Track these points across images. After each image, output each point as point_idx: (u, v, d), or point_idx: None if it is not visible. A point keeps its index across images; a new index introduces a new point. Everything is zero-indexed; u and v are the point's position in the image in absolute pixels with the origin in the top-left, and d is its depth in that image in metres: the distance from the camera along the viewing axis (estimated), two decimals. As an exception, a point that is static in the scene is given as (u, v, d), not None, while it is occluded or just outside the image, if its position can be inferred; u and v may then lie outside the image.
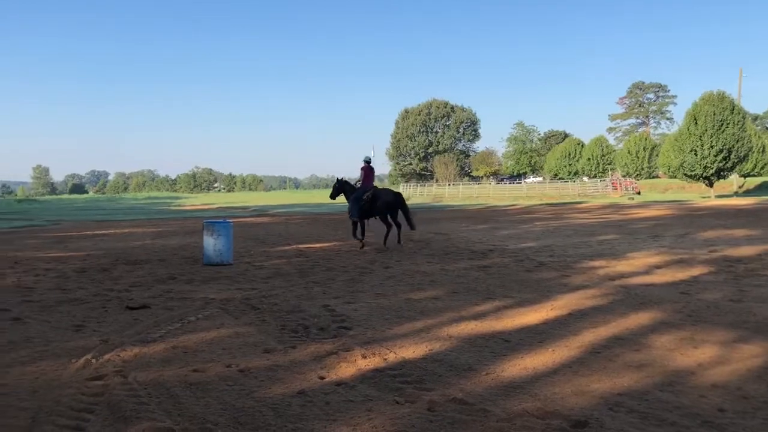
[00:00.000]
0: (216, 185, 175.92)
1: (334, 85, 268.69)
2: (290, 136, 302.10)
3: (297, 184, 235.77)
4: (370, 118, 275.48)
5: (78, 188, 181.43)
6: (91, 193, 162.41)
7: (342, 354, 5.47)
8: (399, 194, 15.24)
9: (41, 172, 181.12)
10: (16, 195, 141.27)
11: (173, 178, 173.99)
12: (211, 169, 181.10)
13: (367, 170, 15.40)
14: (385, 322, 6.68)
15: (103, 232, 22.31)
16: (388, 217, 15.01)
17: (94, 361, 5.31)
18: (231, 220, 13.52)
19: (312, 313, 7.19)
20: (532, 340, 5.88)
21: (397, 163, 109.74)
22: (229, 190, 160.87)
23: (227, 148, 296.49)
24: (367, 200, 14.91)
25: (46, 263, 12.37)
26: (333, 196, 16.35)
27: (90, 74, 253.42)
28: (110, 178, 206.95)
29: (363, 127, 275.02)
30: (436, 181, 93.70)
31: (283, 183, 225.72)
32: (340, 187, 15.99)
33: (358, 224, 15.41)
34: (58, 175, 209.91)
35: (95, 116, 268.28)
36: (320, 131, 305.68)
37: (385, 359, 5.31)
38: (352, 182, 16.05)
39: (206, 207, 55.92)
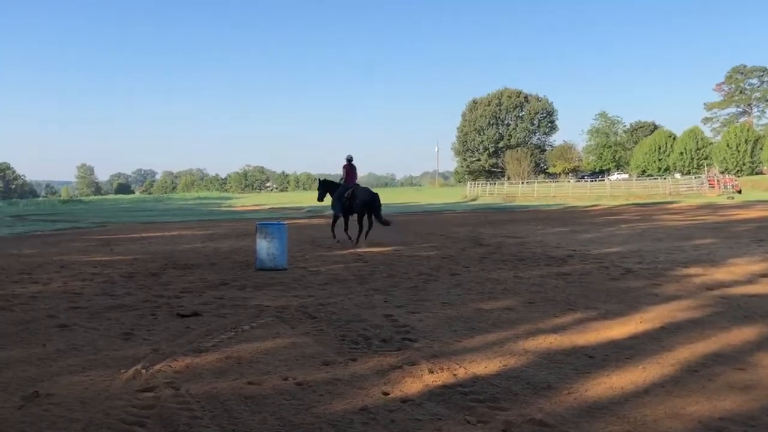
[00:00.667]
0: (268, 184, 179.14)
1: (394, 77, 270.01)
2: (346, 132, 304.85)
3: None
4: (433, 111, 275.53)
5: (124, 188, 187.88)
6: (137, 193, 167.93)
7: (407, 368, 5.49)
8: (376, 194, 16.99)
9: (86, 171, 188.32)
10: (60, 195, 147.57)
11: (223, 177, 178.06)
12: (262, 168, 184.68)
13: (349, 168, 17.52)
14: (453, 334, 6.67)
15: (150, 234, 23.06)
16: (365, 217, 16.87)
17: (144, 371, 5.50)
18: (285, 222, 13.75)
19: (373, 323, 7.24)
20: (619, 356, 5.77)
21: (464, 159, 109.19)
22: (281, 190, 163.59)
23: (279, 146, 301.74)
24: (348, 198, 16.80)
25: (93, 267, 12.87)
26: (320, 198, 18.15)
27: (135, 70, 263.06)
28: (157, 177, 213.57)
29: (425, 120, 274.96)
30: (508, 178, 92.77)
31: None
32: (325, 187, 17.96)
33: (340, 220, 17.36)
34: (103, 175, 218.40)
35: (142, 113, 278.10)
36: (378, 127, 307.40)
37: (455, 375, 5.30)
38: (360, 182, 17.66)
39: (258, 208, 57.02)
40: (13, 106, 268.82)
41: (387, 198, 76.80)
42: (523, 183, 75.91)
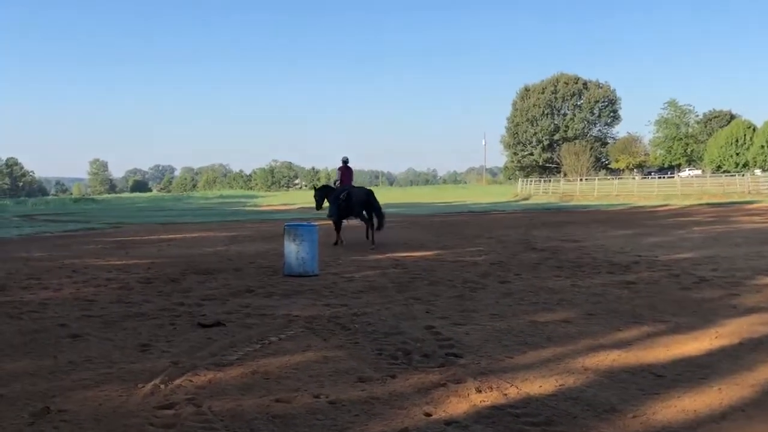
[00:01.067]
0: (297, 182, 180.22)
1: (434, 65, 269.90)
2: (382, 124, 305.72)
3: (391, 180, 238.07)
4: (479, 100, 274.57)
5: (140, 185, 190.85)
6: (154, 191, 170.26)
7: (452, 386, 5.48)
8: (371, 191, 18.47)
9: (99, 167, 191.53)
10: (71, 193, 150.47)
11: (248, 173, 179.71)
12: (290, 163, 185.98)
13: (344, 170, 18.96)
14: (503, 350, 6.64)
15: (169, 236, 23.40)
16: (364, 213, 18.04)
17: (163, 386, 5.59)
18: (315, 223, 13.83)
19: (414, 336, 7.24)
20: (691, 376, 5.70)
21: (515, 154, 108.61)
22: (312, 188, 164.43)
23: (309, 140, 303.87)
24: (344, 199, 17.84)
25: (107, 272, 13.11)
26: (318, 206, 19.10)
27: (152, 60, 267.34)
28: (176, 174, 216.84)
29: (471, 111, 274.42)
30: (564, 175, 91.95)
31: (375, 179, 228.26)
32: (321, 194, 19.08)
33: (339, 224, 18.42)
34: (117, 171, 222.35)
35: (159, 105, 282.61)
36: (418, 119, 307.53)
37: (505, 394, 5.28)
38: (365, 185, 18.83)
39: (286, 207, 57.40)
40: (21, 98, 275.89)
41: (427, 196, 77.17)
42: (581, 180, 75.13)
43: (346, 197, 17.80)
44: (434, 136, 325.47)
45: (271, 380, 5.74)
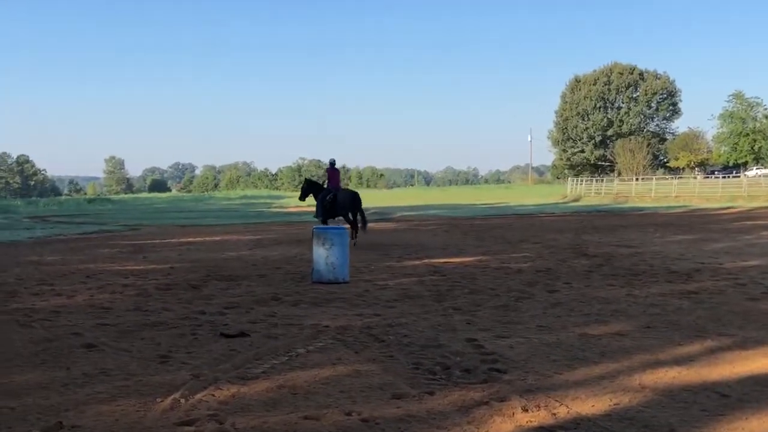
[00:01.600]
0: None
1: (474, 55, 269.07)
2: (418, 119, 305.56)
3: (428, 180, 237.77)
4: (524, 92, 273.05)
5: (159, 185, 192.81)
6: (174, 191, 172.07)
7: (495, 405, 5.46)
8: (356, 194, 20.66)
9: (115, 165, 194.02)
10: (85, 193, 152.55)
11: (273, 172, 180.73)
12: (319, 161, 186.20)
13: (332, 172, 20.95)
14: (551, 365, 6.60)
15: (190, 239, 23.67)
16: (349, 215, 20.02)
17: (183, 401, 5.63)
18: (346, 226, 13.87)
19: (453, 350, 7.22)
20: (760, 396, 5.63)
21: (564, 151, 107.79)
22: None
23: (339, 137, 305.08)
24: (330, 201, 19.87)
25: (124, 278, 13.28)
26: (302, 197, 21.43)
27: (170, 52, 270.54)
28: (197, 172, 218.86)
29: (515, 104, 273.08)
30: (618, 174, 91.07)
31: (411, 178, 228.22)
32: (308, 187, 21.24)
33: (325, 224, 19.73)
34: (135, 169, 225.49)
35: (179, 99, 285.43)
36: (457, 113, 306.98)
37: (554, 414, 5.25)
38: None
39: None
40: (33, 93, 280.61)
41: (467, 197, 77.01)
42: (637, 179, 74.35)
43: (333, 199, 19.87)
44: (475, 131, 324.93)
45: (299, 396, 5.76)
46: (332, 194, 19.97)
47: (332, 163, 21.27)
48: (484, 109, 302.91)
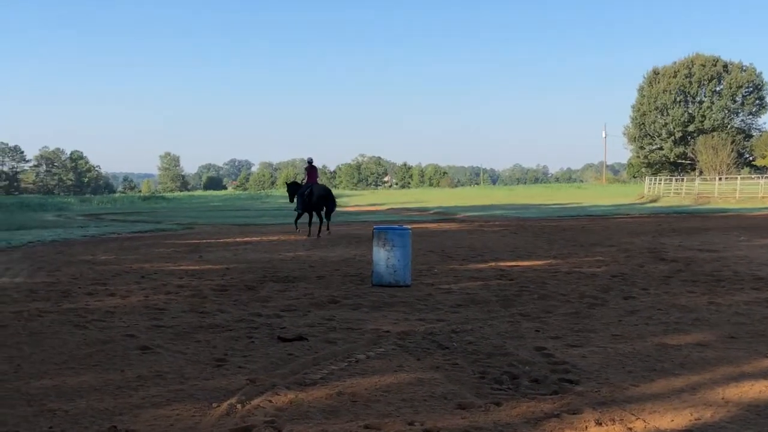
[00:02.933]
0: (386, 179, 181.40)
1: (544, 48, 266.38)
2: (484, 115, 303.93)
3: (494, 178, 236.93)
4: (598, 86, 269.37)
5: (214, 182, 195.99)
6: (230, 189, 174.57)
7: (566, 417, 5.41)
8: (329, 190, 24.86)
9: (170, 162, 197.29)
10: (140, 191, 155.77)
11: (332, 170, 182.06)
12: (380, 158, 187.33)
13: (310, 169, 24.78)
14: (627, 376, 6.53)
15: (246, 239, 23.98)
16: (323, 211, 24.03)
17: (239, 406, 5.71)
18: (408, 226, 13.89)
19: (522, 358, 7.18)
20: None
21: (641, 148, 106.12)
22: (403, 186, 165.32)
23: (401, 133, 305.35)
24: (307, 195, 23.66)
25: (179, 278, 13.53)
26: (291, 198, 25.77)
27: (227, 49, 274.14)
28: (253, 169, 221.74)
29: (588, 98, 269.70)
30: (700, 173, 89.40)
31: (476, 176, 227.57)
32: (293, 189, 25.60)
33: (303, 216, 24.48)
34: (190, 166, 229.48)
35: (235, 95, 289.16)
36: (526, 108, 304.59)
37: (630, 429, 5.19)
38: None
39: (374, 208, 57.90)
40: (89, 89, 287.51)
41: (537, 197, 76.55)
42: (720, 179, 72.87)
43: (309, 193, 23.67)
44: (545, 127, 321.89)
45: (359, 403, 5.79)
46: (309, 188, 23.80)
47: (310, 161, 25.14)
48: (555, 104, 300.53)
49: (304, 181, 24.72)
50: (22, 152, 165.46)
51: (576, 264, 15.37)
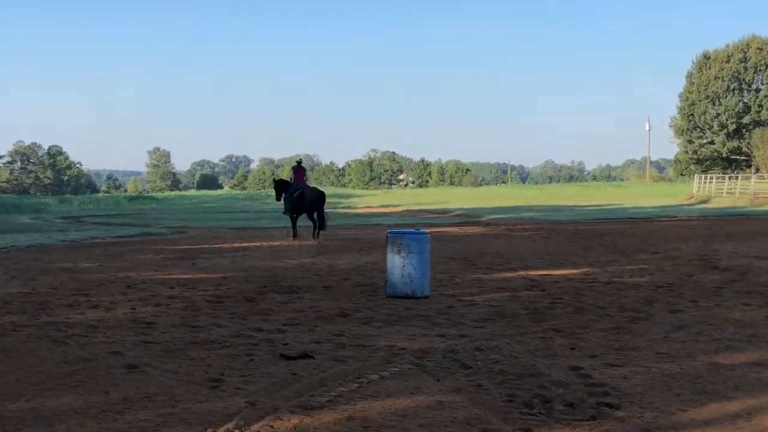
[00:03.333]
0: (401, 177, 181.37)
1: (581, 25, 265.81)
2: (511, 106, 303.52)
3: (524, 176, 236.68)
4: (640, 72, 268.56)
5: (209, 181, 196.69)
6: (226, 188, 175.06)
7: (605, 446, 5.40)
8: (322, 193, 26.13)
9: (159, 158, 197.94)
10: (125, 190, 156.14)
11: (340, 166, 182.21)
12: (394, 154, 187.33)
13: (297, 170, 26.61)
14: (674, 400, 6.51)
15: (244, 244, 24.08)
16: (314, 214, 25.18)
17: (237, 432, 5.72)
18: (426, 230, 13.87)
19: (555, 379, 7.16)
20: None
21: (690, 142, 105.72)
22: (420, 185, 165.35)
23: (417, 124, 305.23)
24: (297, 197, 24.69)
25: (169, 288, 13.56)
26: (278, 197, 26.51)
27: (227, 35, 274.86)
28: (253, 166, 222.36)
29: (629, 86, 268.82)
30: (756, 170, 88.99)
31: (502, 174, 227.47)
32: (279, 187, 26.53)
33: (293, 219, 25.54)
34: (182, 163, 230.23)
35: (231, 83, 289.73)
36: (559, 96, 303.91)
37: (677, 459, 5.16)
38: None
39: (388, 210, 57.86)
40: (67, 78, 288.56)
41: (571, 197, 76.40)
42: (779, 177, 72.55)
43: (300, 195, 24.71)
44: (581, 119, 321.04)
45: (371, 429, 5.78)
46: (300, 191, 24.96)
47: (299, 162, 28.07)
48: (592, 93, 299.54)
49: (292, 181, 26.38)
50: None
51: (616, 273, 15.33)
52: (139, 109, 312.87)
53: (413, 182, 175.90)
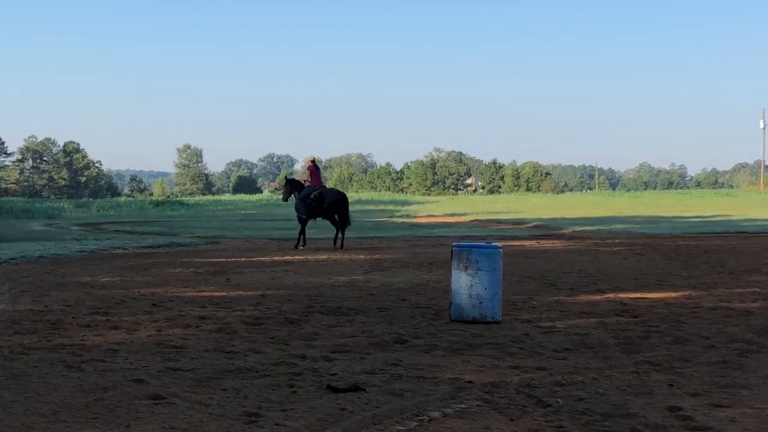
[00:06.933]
0: (469, 182, 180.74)
1: (683, 11, 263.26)
2: (600, 101, 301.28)
3: (614, 181, 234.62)
4: (753, 61, 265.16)
5: (246, 183, 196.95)
6: (266, 192, 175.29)
7: (709, 501, 5.33)
8: (345, 195, 27.93)
9: (190, 157, 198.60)
10: (151, 194, 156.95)
11: (398, 168, 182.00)
12: (461, 154, 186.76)
13: (313, 170, 27.85)
14: (791, 447, 6.39)
15: (286, 258, 24.21)
16: (335, 217, 26.80)
17: (277, 475, 5.74)
18: (499, 244, 13.81)
19: (650, 421, 7.09)
20: None
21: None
22: (491, 191, 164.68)
23: (488, 121, 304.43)
24: (315, 199, 26.14)
25: (200, 307, 13.66)
26: (285, 198, 28.82)
27: (262, 28, 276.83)
28: (296, 167, 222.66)
29: (740, 77, 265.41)
30: None
31: (588, 178, 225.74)
32: (291, 187, 28.06)
33: (304, 224, 27.09)
34: (215, 163, 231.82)
35: (272, 76, 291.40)
36: (657, 91, 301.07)
37: None
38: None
39: (453, 219, 57.68)
40: (87, 70, 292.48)
41: (671, 207, 75.54)
42: None
43: (318, 197, 26.26)
44: (682, 116, 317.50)
45: (433, 476, 5.77)
46: (318, 192, 26.54)
47: (313, 161, 28.61)
48: (695, 86, 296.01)
49: (307, 182, 27.85)
50: (2, 143, 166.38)
51: (723, 297, 15.14)
52: (167, 101, 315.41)
53: (483, 187, 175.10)
